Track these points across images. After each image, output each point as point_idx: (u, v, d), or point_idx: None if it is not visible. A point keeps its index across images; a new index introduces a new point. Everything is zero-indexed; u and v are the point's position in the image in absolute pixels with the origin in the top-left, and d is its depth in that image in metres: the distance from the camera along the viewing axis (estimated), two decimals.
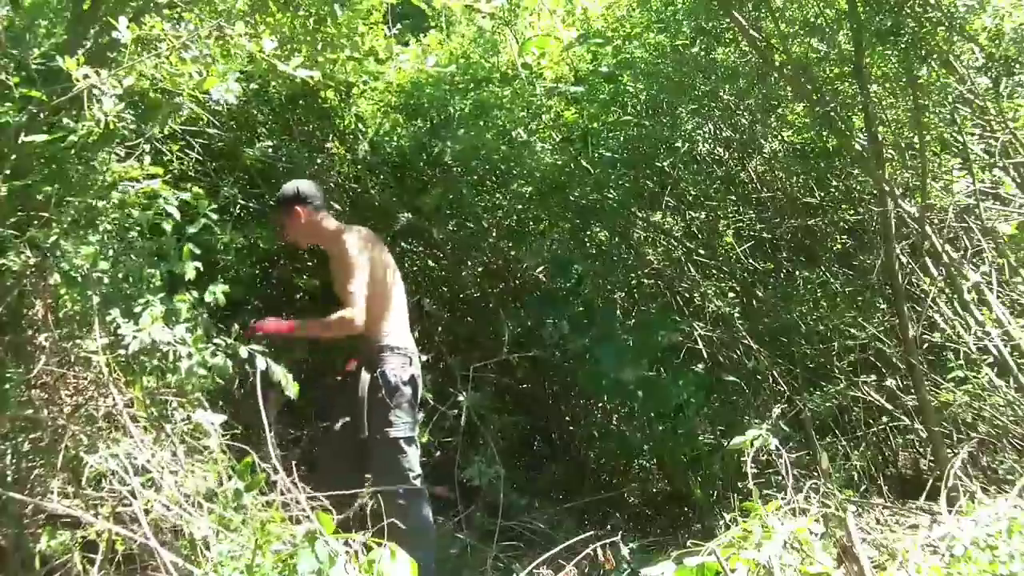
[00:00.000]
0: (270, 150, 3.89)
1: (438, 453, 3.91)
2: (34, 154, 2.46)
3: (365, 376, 3.17)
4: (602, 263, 4.58)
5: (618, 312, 4.39)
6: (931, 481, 3.55)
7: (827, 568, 2.13)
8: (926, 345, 4.08)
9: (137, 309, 2.32)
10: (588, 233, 4.77)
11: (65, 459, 2.33)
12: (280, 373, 2.55)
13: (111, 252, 2.41)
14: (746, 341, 4.39)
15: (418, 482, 3.11)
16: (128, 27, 2.29)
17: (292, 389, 2.59)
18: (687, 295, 4.77)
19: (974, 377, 3.83)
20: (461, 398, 3.80)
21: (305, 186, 3.34)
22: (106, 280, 2.36)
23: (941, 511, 3.16)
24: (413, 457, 3.13)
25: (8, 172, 2.42)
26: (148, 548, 2.01)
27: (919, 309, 4.06)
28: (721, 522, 3.78)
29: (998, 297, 3.77)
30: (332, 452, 3.30)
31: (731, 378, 4.25)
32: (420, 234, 4.43)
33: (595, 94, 4.45)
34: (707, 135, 4.72)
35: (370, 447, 3.10)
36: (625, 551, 3.37)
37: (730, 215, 4.81)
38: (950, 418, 3.93)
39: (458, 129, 4.14)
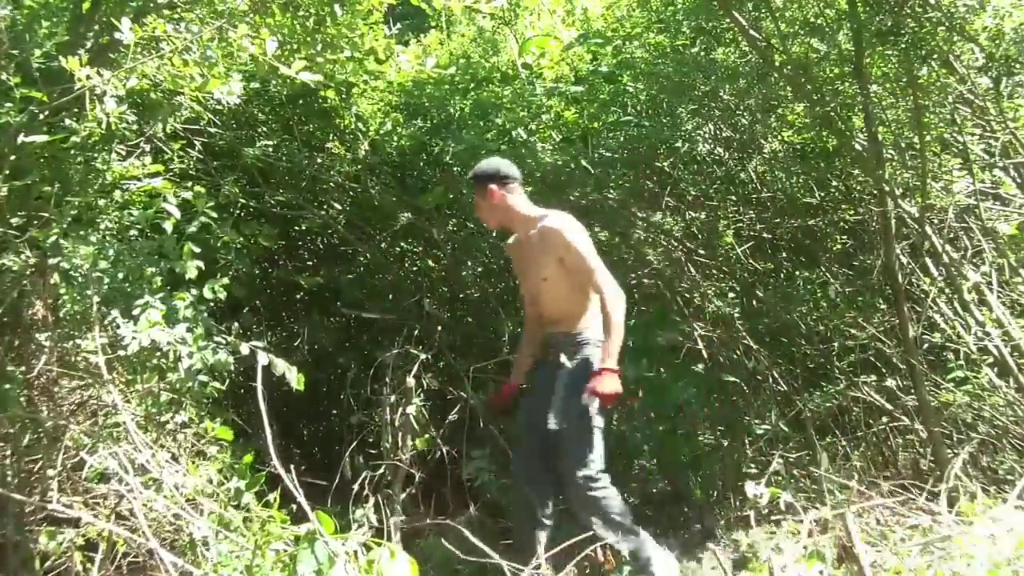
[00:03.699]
0: (270, 149, 3.89)
1: (439, 453, 3.91)
2: (34, 154, 2.47)
3: (564, 365, 3.13)
4: None
5: None
6: (931, 481, 3.54)
7: None
8: (926, 345, 4.08)
9: (136, 311, 2.32)
10: (588, 233, 4.76)
11: (65, 459, 2.33)
12: (283, 366, 2.56)
13: (111, 252, 2.41)
14: (746, 341, 4.39)
15: (603, 474, 3.08)
16: (131, 28, 2.29)
17: (296, 380, 2.61)
18: (687, 295, 4.77)
19: (974, 377, 3.82)
20: (472, 401, 3.81)
21: (504, 166, 3.24)
22: (106, 280, 2.36)
23: (941, 511, 3.15)
24: (601, 448, 3.10)
25: (8, 172, 2.42)
26: (148, 547, 2.02)
27: (919, 309, 4.06)
28: (721, 522, 3.79)
29: (998, 297, 3.77)
30: (527, 455, 3.30)
31: (731, 378, 4.25)
32: (420, 234, 4.43)
33: (595, 94, 4.45)
34: (707, 135, 4.72)
35: (563, 435, 3.06)
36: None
37: (730, 215, 4.81)
38: (950, 418, 3.92)
39: (458, 129, 4.14)
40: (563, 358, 3.16)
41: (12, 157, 2.43)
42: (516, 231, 3.29)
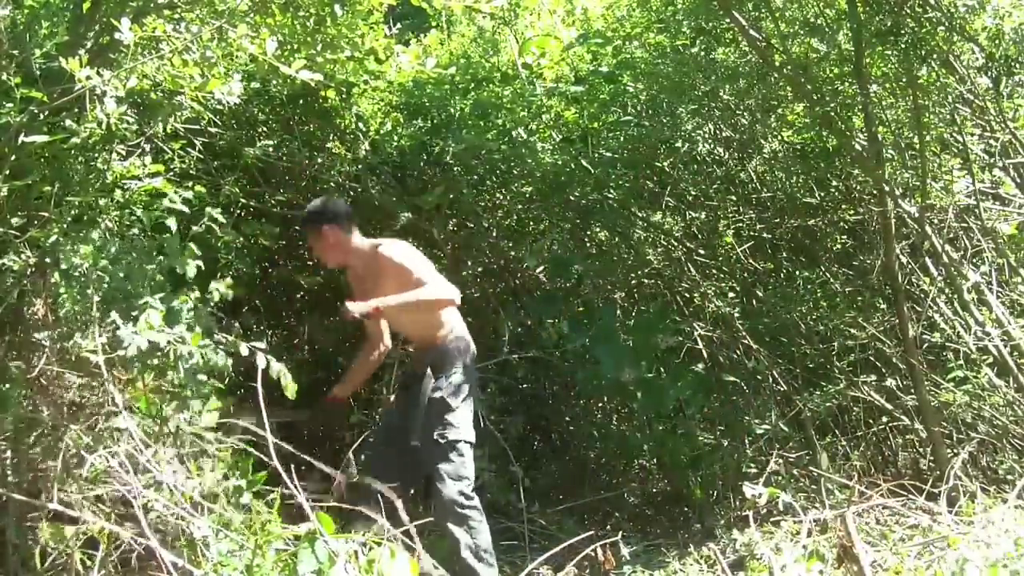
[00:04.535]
0: (271, 149, 3.89)
1: None
2: (34, 154, 2.47)
3: (428, 379, 3.07)
4: (602, 263, 4.58)
5: (618, 312, 4.39)
6: (931, 481, 3.55)
7: None
8: (926, 345, 4.08)
9: (135, 312, 2.32)
10: (588, 233, 4.77)
11: (65, 458, 2.33)
12: (280, 370, 2.55)
13: (112, 251, 2.41)
14: (746, 341, 4.39)
15: (470, 490, 2.99)
16: (130, 28, 2.29)
17: (290, 388, 2.59)
18: (687, 295, 4.77)
19: (974, 377, 3.83)
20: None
21: (333, 203, 3.24)
22: (107, 280, 2.36)
23: (941, 511, 3.16)
24: (470, 462, 3.03)
25: (8, 172, 2.42)
26: (149, 547, 2.02)
27: (919, 309, 4.06)
28: (721, 521, 3.80)
29: (998, 297, 3.77)
30: (379, 455, 3.21)
31: (731, 378, 4.25)
32: (420, 234, 4.43)
33: (595, 94, 4.45)
34: (707, 135, 4.72)
35: (427, 451, 3.01)
36: (625, 551, 3.37)
37: (730, 215, 4.81)
38: (950, 418, 3.93)
39: (458, 129, 4.14)
40: (429, 373, 3.09)
41: (12, 157, 2.43)
42: (355, 266, 3.24)
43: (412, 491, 3.16)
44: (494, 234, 4.54)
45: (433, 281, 3.07)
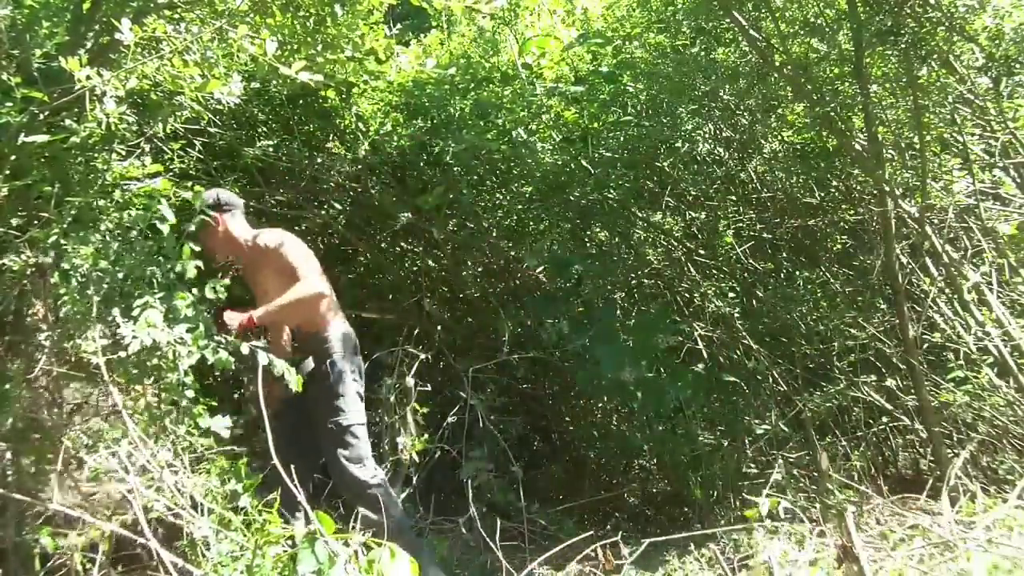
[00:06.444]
0: (270, 149, 3.89)
1: (438, 453, 3.91)
2: (34, 154, 2.47)
3: (310, 366, 3.08)
4: (602, 263, 4.58)
5: (618, 312, 4.39)
6: (931, 481, 3.54)
7: None
8: (926, 345, 4.08)
9: (135, 312, 2.31)
10: (588, 233, 4.77)
11: (65, 459, 2.33)
12: (283, 367, 2.56)
13: (111, 252, 2.40)
14: (746, 341, 4.39)
15: (373, 468, 3.04)
16: (130, 28, 2.29)
17: (295, 383, 2.61)
18: (687, 295, 4.77)
19: (974, 377, 3.82)
20: (472, 401, 3.82)
21: (225, 192, 3.20)
22: (106, 280, 2.36)
23: (942, 511, 3.16)
24: (365, 443, 3.08)
25: (8, 172, 2.42)
26: (148, 547, 2.02)
27: (919, 309, 4.06)
28: (721, 522, 3.80)
29: (998, 297, 3.77)
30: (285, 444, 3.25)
31: (731, 378, 4.25)
32: (420, 234, 4.43)
33: (595, 94, 4.45)
34: (707, 135, 4.72)
35: (323, 438, 3.06)
36: (625, 551, 3.37)
37: (730, 215, 4.81)
38: (950, 418, 3.93)
39: (458, 129, 4.14)
40: (310, 361, 3.10)
41: (12, 157, 2.43)
42: (243, 258, 3.19)
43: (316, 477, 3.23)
44: (494, 234, 4.54)
45: (308, 276, 3.05)
